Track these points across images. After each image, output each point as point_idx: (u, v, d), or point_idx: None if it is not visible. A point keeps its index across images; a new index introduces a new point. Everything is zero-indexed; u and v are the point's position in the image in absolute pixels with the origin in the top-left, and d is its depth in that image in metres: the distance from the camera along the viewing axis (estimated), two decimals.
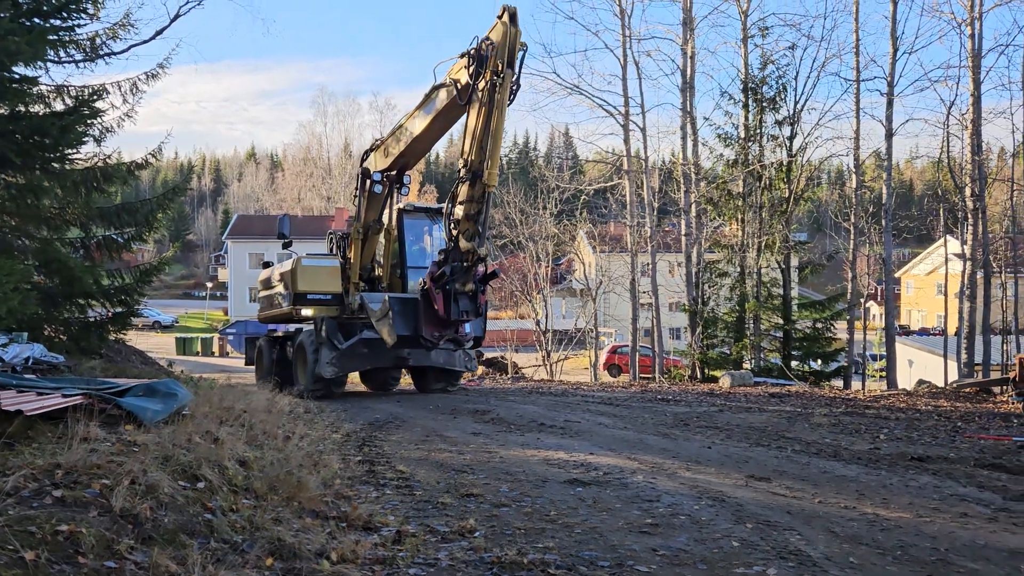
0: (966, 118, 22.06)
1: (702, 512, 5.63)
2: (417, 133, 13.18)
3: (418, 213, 15.38)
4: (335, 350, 13.94)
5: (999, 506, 6.78)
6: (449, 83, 11.96)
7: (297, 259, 15.11)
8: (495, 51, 11.07)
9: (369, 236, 14.96)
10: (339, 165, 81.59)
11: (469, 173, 11.43)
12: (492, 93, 11.08)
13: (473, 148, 11.38)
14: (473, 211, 11.54)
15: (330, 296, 14.70)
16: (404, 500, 5.76)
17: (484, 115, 11.17)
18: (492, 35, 11.27)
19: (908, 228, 29.72)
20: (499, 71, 11.04)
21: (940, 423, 12.62)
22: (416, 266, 14.64)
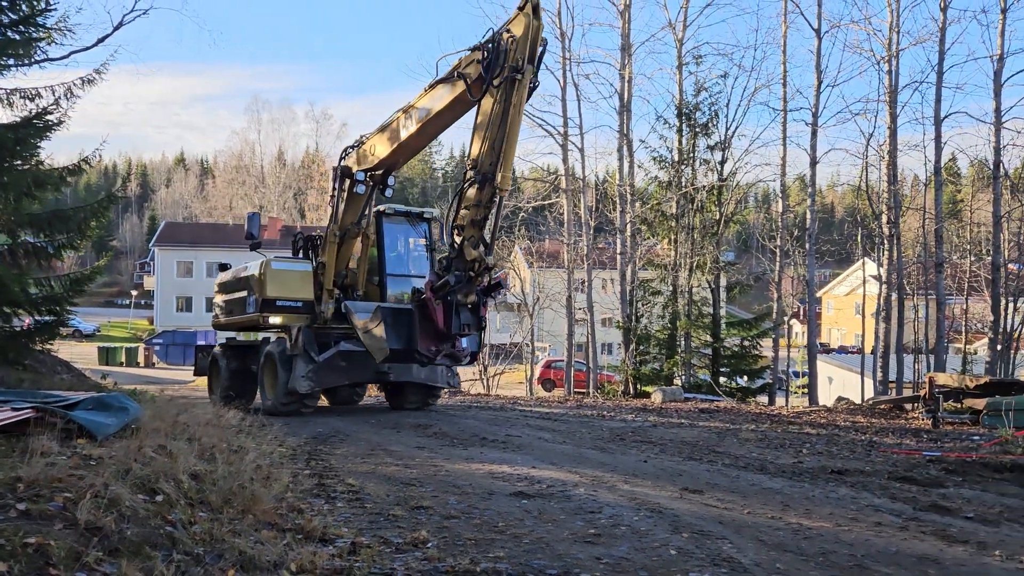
0: (883, 149, 23.40)
1: (641, 523, 5.96)
2: (413, 130, 12.23)
3: (398, 217, 14.38)
4: (311, 363, 12.94)
5: (910, 516, 7.32)
6: (456, 78, 11.13)
7: (266, 262, 13.98)
8: (516, 45, 10.28)
9: (346, 240, 13.90)
10: (272, 174, 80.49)
11: (478, 175, 10.66)
12: (510, 90, 10.35)
13: (484, 148, 10.61)
14: (479, 217, 10.81)
15: (301, 303, 13.67)
16: (356, 513, 5.92)
17: (498, 113, 10.43)
18: (513, 27, 10.43)
19: (829, 251, 31.11)
20: (519, 67, 10.30)
21: (857, 438, 13.35)
22: (395, 273, 13.88)
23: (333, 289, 13.66)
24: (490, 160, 10.52)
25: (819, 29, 23.31)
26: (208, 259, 65.14)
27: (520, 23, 10.36)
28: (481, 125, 10.69)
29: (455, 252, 10.92)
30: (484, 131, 10.57)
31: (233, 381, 14.97)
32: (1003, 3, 21.53)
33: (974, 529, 6.96)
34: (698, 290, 24.61)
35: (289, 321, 13.59)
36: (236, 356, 15.30)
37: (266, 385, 13.80)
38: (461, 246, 10.82)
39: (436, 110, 11.69)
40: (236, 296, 14.88)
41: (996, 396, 16.15)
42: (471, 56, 10.86)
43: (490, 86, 10.43)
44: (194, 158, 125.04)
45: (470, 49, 10.93)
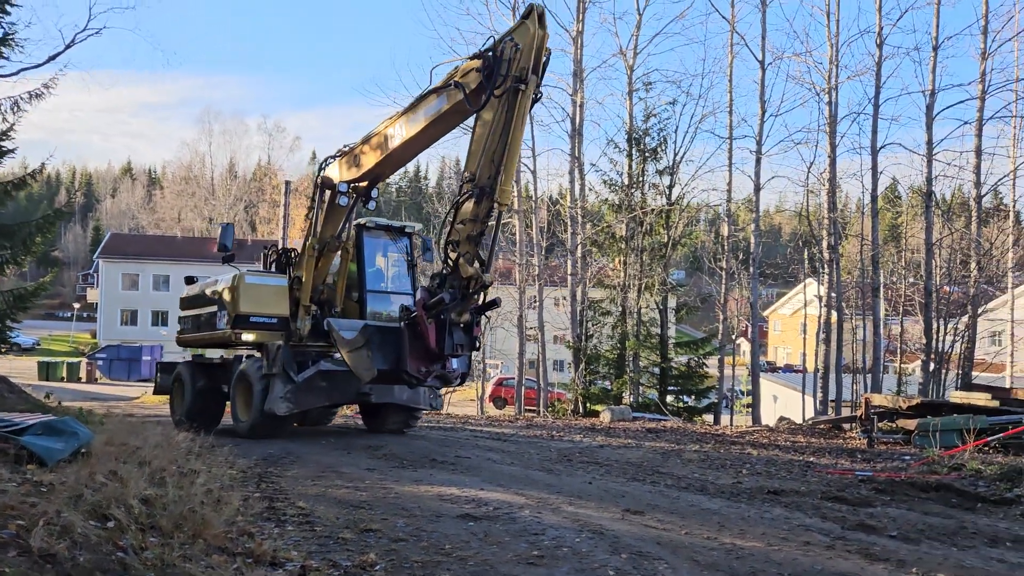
0: (824, 177, 24.32)
1: (583, 544, 6.21)
2: (404, 140, 11.68)
3: (378, 231, 13.79)
4: (290, 383, 12.24)
5: (837, 535, 7.71)
6: (454, 87, 10.69)
7: (240, 275, 13.37)
8: (519, 54, 9.91)
9: (325, 254, 13.30)
10: (223, 186, 79.49)
11: (476, 188, 10.22)
12: (512, 101, 9.98)
13: (482, 161, 10.19)
14: (475, 232, 10.38)
15: (275, 320, 13.13)
16: (306, 536, 6.05)
17: (499, 124, 10.06)
18: (517, 35, 10.05)
19: (773, 273, 32.04)
20: (523, 77, 9.92)
21: (795, 459, 13.83)
22: (375, 290, 13.39)
23: (310, 305, 13.17)
24: (489, 173, 10.17)
25: (763, 60, 24.19)
26: (155, 272, 63.99)
27: (525, 32, 10.02)
28: (480, 136, 10.30)
29: (449, 269, 10.48)
30: (483, 142, 10.19)
31: (199, 401, 14.31)
32: (934, 41, 22.63)
33: (896, 547, 7.37)
34: (647, 311, 25.15)
35: (263, 338, 13.07)
36: (203, 374, 14.60)
37: (239, 406, 13.16)
38: (456, 262, 10.36)
39: (430, 119, 11.25)
40: (205, 311, 14.27)
41: (927, 417, 16.85)
42: (470, 64, 10.51)
43: (491, 96, 10.04)
44: (142, 168, 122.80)
45: (469, 57, 10.65)
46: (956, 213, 27.95)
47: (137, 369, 47.70)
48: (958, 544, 7.80)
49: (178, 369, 15.18)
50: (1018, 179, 24.37)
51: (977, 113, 22.84)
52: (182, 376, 14.78)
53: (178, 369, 15.18)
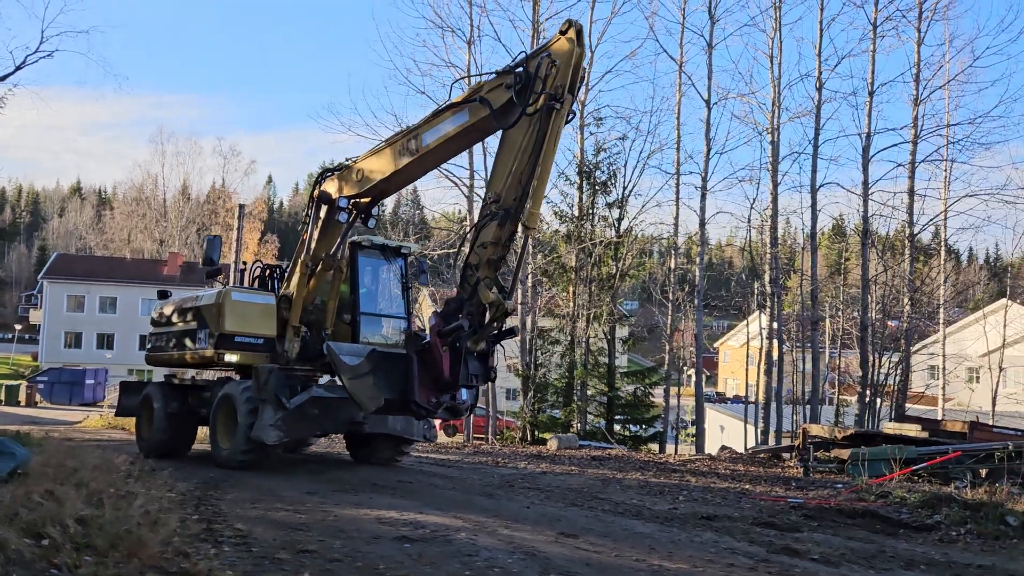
0: (766, 214, 25.19)
1: (514, 565, 6.43)
2: (416, 156, 11.12)
3: (373, 250, 13.13)
4: (281, 409, 11.37)
5: (762, 558, 8.05)
6: (479, 103, 10.19)
7: (225, 292, 12.62)
8: (556, 70, 9.55)
9: (318, 272, 12.60)
10: (175, 208, 78.41)
11: (501, 210, 9.75)
12: (545, 120, 9.56)
13: (508, 181, 9.72)
14: (496, 256, 9.91)
15: (262, 340, 12.40)
16: (242, 556, 6.15)
17: (529, 144, 9.60)
18: (555, 51, 9.65)
19: (719, 306, 32.88)
20: (558, 95, 9.55)
21: (732, 486, 14.23)
22: (370, 312, 12.74)
23: (300, 326, 12.45)
24: (515, 195, 9.72)
25: (709, 100, 25.07)
26: (102, 294, 62.68)
27: (562, 48, 9.61)
28: (506, 156, 9.84)
29: (467, 294, 9.96)
30: (511, 163, 9.73)
31: (170, 425, 13.48)
32: (870, 87, 23.77)
33: (816, 570, 7.73)
34: (595, 340, 25.57)
35: (247, 360, 12.26)
36: (176, 397, 13.70)
37: (220, 432, 12.19)
38: (476, 287, 9.84)
39: (447, 136, 10.72)
40: (182, 328, 13.36)
41: (860, 447, 17.45)
42: (497, 80, 10.07)
43: (523, 114, 9.61)
44: (91, 188, 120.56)
45: (496, 73, 10.20)
46: (898, 251, 29.07)
47: (80, 393, 46.53)
48: (876, 567, 8.20)
49: (147, 390, 14.25)
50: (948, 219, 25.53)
51: (910, 156, 23.96)
52: (152, 398, 13.84)
53: (147, 390, 14.25)
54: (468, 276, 10.03)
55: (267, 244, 71.50)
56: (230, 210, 66.10)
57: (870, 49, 24.12)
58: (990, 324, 29.54)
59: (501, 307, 9.90)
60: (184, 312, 13.47)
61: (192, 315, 13.14)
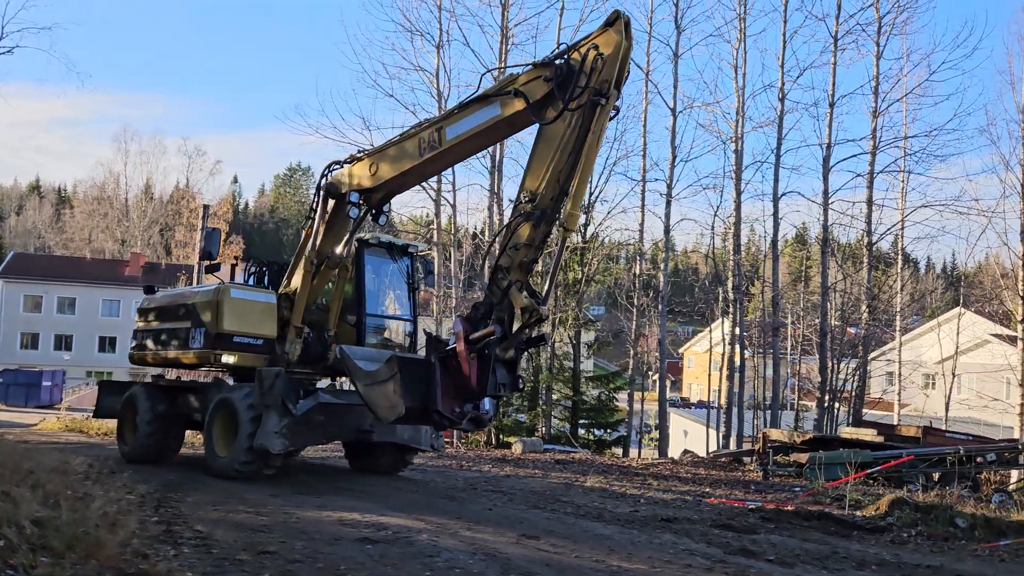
0: (730, 221, 25.60)
1: (475, 566, 6.50)
2: (439, 151, 10.41)
3: (380, 248, 12.49)
4: (287, 416, 10.61)
5: (719, 559, 8.21)
6: (514, 95, 9.53)
7: (223, 288, 11.79)
8: (603, 64, 8.95)
9: (322, 270, 11.87)
10: (138, 208, 77.22)
11: (537, 210, 9.19)
12: (589, 116, 9.01)
13: (545, 180, 9.16)
14: (529, 259, 9.41)
15: (261, 341, 11.67)
16: (202, 558, 6.14)
17: (570, 141, 9.08)
18: (601, 44, 9.01)
19: (684, 312, 33.32)
20: (604, 90, 8.95)
21: (693, 489, 14.45)
22: (375, 314, 12.21)
23: (302, 327, 11.73)
24: (551, 194, 9.20)
25: (675, 108, 25.40)
26: (60, 294, 61.50)
27: (609, 40, 8.99)
28: (543, 153, 9.28)
29: (498, 298, 9.40)
30: (549, 160, 9.18)
31: (157, 429, 12.57)
32: (831, 99, 24.33)
33: (771, 570, 7.92)
34: (561, 345, 25.73)
35: (245, 361, 11.54)
36: (165, 399, 12.79)
37: (217, 439, 11.36)
38: (507, 291, 9.31)
39: (474, 131, 10.10)
40: (173, 326, 12.51)
41: (818, 451, 17.81)
42: (535, 73, 9.45)
43: (566, 109, 9.07)
44: (51, 186, 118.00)
45: (533, 65, 9.54)
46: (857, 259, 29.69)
47: (36, 395, 45.54)
48: (829, 567, 8.42)
49: (132, 391, 13.24)
50: (906, 229, 26.16)
51: (869, 167, 24.54)
52: (136, 399, 12.89)
53: (132, 391, 13.24)
54: (499, 279, 9.43)
55: (232, 245, 70.57)
56: (194, 210, 65.26)
57: (831, 62, 24.69)
58: (945, 332, 30.26)
59: (535, 313, 9.31)
60: (176, 309, 12.62)
61: (185, 312, 12.29)
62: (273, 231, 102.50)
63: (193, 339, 12.00)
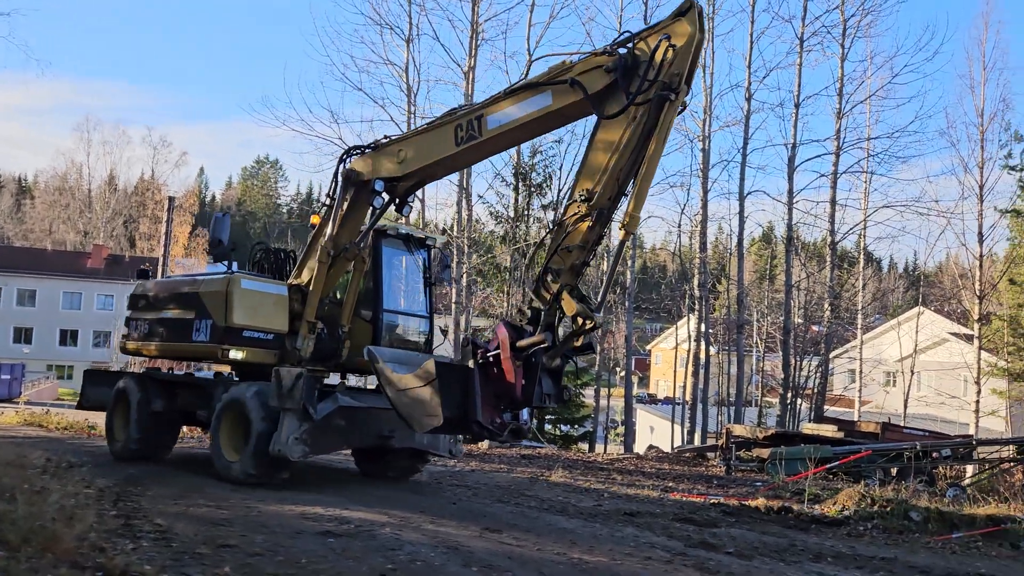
0: (696, 219, 25.90)
1: (437, 558, 6.53)
2: (482, 139, 9.70)
3: (397, 240, 11.77)
4: (307, 420, 9.81)
5: (679, 551, 8.34)
6: (569, 84, 8.84)
7: (233, 278, 10.91)
8: (675, 56, 8.27)
9: (338, 261, 11.08)
10: (101, 199, 75.88)
11: (593, 211, 8.64)
12: (656, 111, 8.36)
13: (604, 179, 8.61)
14: (580, 261, 8.89)
15: (272, 336, 10.91)
16: (161, 551, 6.09)
17: (634, 137, 8.48)
18: (674, 34, 8.31)
19: (651, 309, 33.64)
20: (674, 85, 8.33)
21: (657, 484, 14.61)
22: (394, 310, 11.57)
23: (315, 322, 10.99)
24: (609, 193, 8.70)
25: None
26: (20, 286, 60.29)
27: (682, 31, 8.36)
28: (602, 149, 8.69)
29: (546, 303, 8.82)
30: (608, 157, 8.60)
31: (152, 425, 11.81)
32: (796, 99, 24.73)
33: (729, 562, 8.05)
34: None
35: (255, 357, 10.81)
36: (162, 394, 11.99)
37: (225, 442, 10.52)
38: (558, 296, 8.73)
39: (521, 120, 9.36)
40: (174, 316, 11.61)
41: (780, 446, 18.11)
42: (594, 61, 8.78)
43: (632, 103, 8.41)
44: (10, 175, 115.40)
45: (592, 53, 8.87)
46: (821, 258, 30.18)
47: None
48: (786, 560, 8.59)
49: (123, 383, 12.31)
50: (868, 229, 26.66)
51: (833, 167, 24.98)
52: (129, 392, 12.04)
53: (123, 383, 12.31)
54: (548, 282, 8.81)
55: (198, 238, 69.64)
56: (159, 202, 64.37)
57: (797, 63, 25.06)
58: (905, 331, 30.91)
59: (590, 320, 8.67)
60: (177, 298, 11.68)
61: (188, 302, 11.37)
62: (240, 224, 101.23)
63: (197, 331, 11.13)
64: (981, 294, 28.17)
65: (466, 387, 8.72)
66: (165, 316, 11.83)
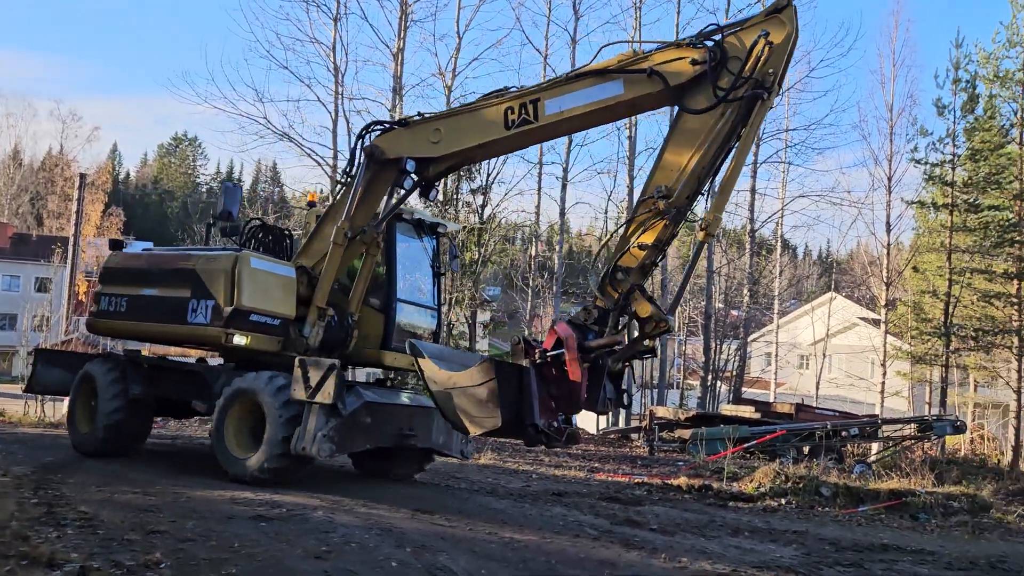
0: (623, 206, 26.39)
1: (370, 540, 6.61)
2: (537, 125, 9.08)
3: (410, 224, 11.13)
4: (336, 417, 9.06)
5: (605, 529, 8.64)
6: (648, 74, 8.39)
7: (243, 255, 9.91)
8: (770, 54, 7.93)
9: (353, 245, 10.29)
10: (5, 175, 72.06)
11: (671, 209, 8.19)
12: (747, 109, 7.98)
13: (684, 177, 8.16)
14: (650, 261, 8.52)
15: (278, 321, 10.02)
16: (87, 539, 5.98)
17: (720, 135, 8.13)
18: (772, 31, 7.95)
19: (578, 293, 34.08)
20: (768, 83, 7.97)
21: (583, 465, 14.99)
22: (409, 300, 10.96)
23: (326, 308, 10.25)
24: (688, 192, 8.26)
25: None
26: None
27: (780, 28, 8.02)
28: (683, 145, 8.28)
29: (615, 303, 8.41)
30: (691, 154, 8.20)
31: (130, 414, 10.62)
32: None
33: (653, 538, 8.39)
34: (457, 325, 25.93)
35: (259, 344, 9.89)
36: (142, 379, 10.77)
37: (232, 437, 9.57)
38: (628, 297, 8.36)
39: (585, 108, 8.87)
40: (161, 294, 10.45)
41: (701, 427, 18.76)
42: (677, 52, 8.37)
43: (725, 99, 8.03)
44: None
45: (673, 43, 8.55)
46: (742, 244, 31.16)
47: None
48: (706, 535, 8.99)
49: (93, 367, 10.98)
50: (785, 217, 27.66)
51: (753, 157, 25.82)
52: (96, 378, 10.77)
53: (93, 367, 10.98)
54: (618, 281, 8.36)
55: (111, 217, 66.92)
56: (69, 179, 61.51)
57: None
58: (818, 315, 32.25)
59: (662, 323, 8.33)
60: (169, 274, 10.52)
61: (183, 279, 10.25)
62: (157, 203, 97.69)
63: (194, 312, 10.03)
64: (888, 281, 29.66)
65: (521, 388, 8.19)
66: (148, 294, 10.63)
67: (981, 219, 28.77)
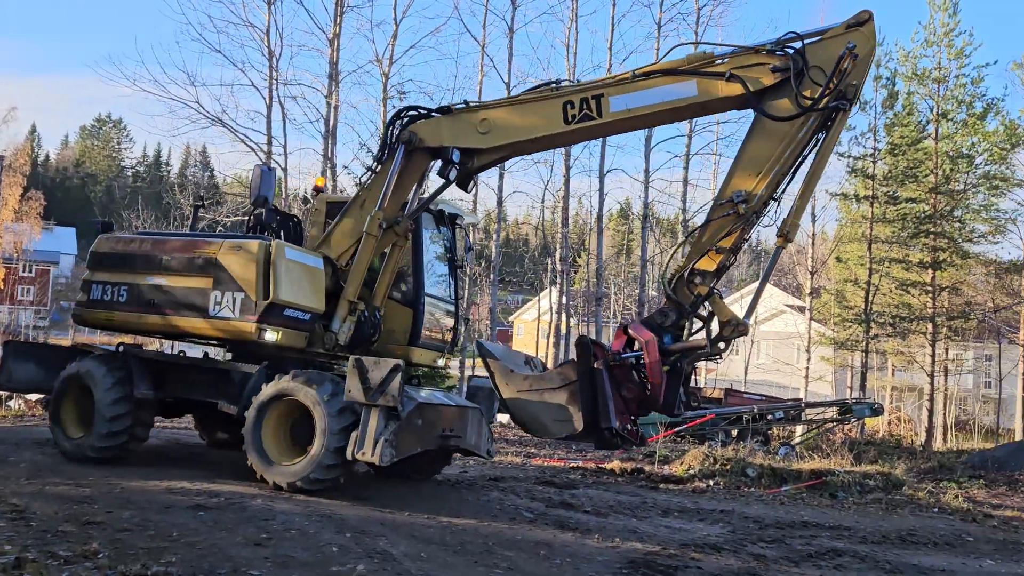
0: (559, 195, 26.76)
1: (311, 526, 6.69)
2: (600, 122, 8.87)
3: (430, 215, 10.72)
4: (394, 419, 8.45)
5: (540, 512, 8.90)
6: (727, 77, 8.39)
7: (278, 244, 9.16)
8: (854, 66, 8.08)
9: (385, 235, 9.79)
10: None
11: (750, 213, 8.27)
12: (828, 120, 8.18)
13: (764, 182, 8.26)
14: (724, 265, 8.52)
15: (308, 316, 9.37)
16: (21, 531, 5.92)
17: (800, 143, 8.26)
18: (859, 42, 8.07)
19: (514, 281, 34.55)
20: (850, 95, 8.16)
21: (519, 450, 15.25)
22: (436, 295, 10.58)
23: (358, 303, 9.69)
24: (767, 196, 8.36)
25: (509, 83, 25.95)
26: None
27: (865, 42, 8.16)
28: (764, 150, 8.35)
29: (691, 305, 8.40)
30: (772, 160, 8.27)
31: (133, 417, 9.56)
32: None
33: (587, 520, 8.69)
34: None
35: (288, 340, 9.21)
36: (148, 377, 9.74)
37: (272, 441, 8.82)
38: (706, 299, 8.39)
39: (654, 107, 8.74)
40: (174, 284, 9.49)
41: None
42: (755, 58, 8.41)
43: (813, 108, 8.15)
44: None
45: (751, 49, 8.53)
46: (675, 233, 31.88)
47: None
48: (638, 515, 9.34)
49: (83, 365, 9.79)
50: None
51: (686, 148, 26.45)
52: (93, 376, 9.60)
53: (83, 365, 9.79)
54: (695, 283, 8.34)
55: (30, 201, 64.31)
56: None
57: (655, 47, 26.15)
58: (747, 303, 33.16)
59: (740, 327, 8.32)
60: (184, 262, 9.54)
61: (204, 268, 9.36)
62: (79, 187, 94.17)
63: (219, 306, 9.22)
64: (813, 270, 30.78)
65: (595, 391, 8.23)
66: (155, 283, 9.66)
67: (899, 211, 30.10)
